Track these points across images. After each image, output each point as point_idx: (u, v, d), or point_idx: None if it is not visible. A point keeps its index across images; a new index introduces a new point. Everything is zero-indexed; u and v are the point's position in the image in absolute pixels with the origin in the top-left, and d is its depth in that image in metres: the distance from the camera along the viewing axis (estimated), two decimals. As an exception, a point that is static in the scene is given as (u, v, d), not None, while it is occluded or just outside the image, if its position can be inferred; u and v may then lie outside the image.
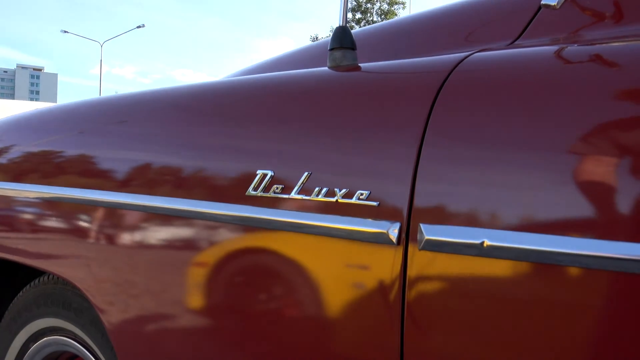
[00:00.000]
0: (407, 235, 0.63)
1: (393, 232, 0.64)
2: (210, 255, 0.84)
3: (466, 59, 0.71)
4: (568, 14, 0.81)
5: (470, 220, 0.59)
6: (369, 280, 0.67)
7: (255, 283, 0.79)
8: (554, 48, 0.70)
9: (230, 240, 0.82)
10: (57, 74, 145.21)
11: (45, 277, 1.27)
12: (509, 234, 0.56)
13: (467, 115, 0.64)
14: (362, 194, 0.67)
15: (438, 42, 0.96)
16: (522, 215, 0.56)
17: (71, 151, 1.16)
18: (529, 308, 0.55)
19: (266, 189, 0.77)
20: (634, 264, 0.49)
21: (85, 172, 1.10)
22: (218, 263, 0.84)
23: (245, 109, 0.90)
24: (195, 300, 0.87)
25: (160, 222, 0.92)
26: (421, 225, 0.62)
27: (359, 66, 0.85)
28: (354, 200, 0.68)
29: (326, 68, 0.88)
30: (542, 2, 0.81)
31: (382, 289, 0.65)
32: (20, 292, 1.33)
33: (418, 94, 0.70)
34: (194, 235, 0.86)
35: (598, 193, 0.52)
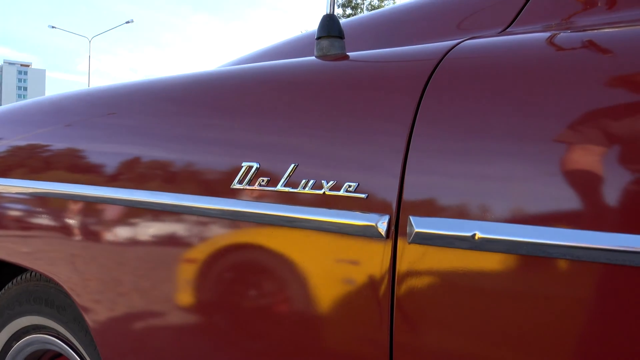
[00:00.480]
0: (397, 228, 0.62)
1: (382, 224, 0.62)
2: (194, 250, 0.82)
3: (456, 47, 0.69)
4: (560, 0, 0.80)
5: (462, 213, 0.57)
6: (358, 275, 0.65)
7: (241, 277, 0.77)
8: (547, 35, 0.68)
9: (216, 235, 0.80)
10: (45, 70, 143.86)
11: (28, 274, 1.25)
12: (501, 226, 0.54)
13: (458, 104, 0.62)
14: (350, 186, 0.66)
15: (429, 30, 0.94)
16: (515, 207, 0.54)
17: (57, 145, 1.13)
18: (521, 301, 0.54)
19: (252, 181, 0.75)
20: (625, 255, 0.48)
21: (70, 166, 1.07)
22: (202, 258, 0.81)
23: (230, 99, 0.88)
24: (180, 296, 0.85)
25: (145, 217, 0.90)
26: (411, 217, 0.60)
27: (347, 55, 0.83)
28: (341, 193, 0.66)
29: (313, 57, 0.86)
30: None
31: (371, 283, 0.64)
32: (3, 290, 1.31)
33: (407, 83, 0.68)
34: (178, 230, 0.84)
35: (591, 184, 0.51)
